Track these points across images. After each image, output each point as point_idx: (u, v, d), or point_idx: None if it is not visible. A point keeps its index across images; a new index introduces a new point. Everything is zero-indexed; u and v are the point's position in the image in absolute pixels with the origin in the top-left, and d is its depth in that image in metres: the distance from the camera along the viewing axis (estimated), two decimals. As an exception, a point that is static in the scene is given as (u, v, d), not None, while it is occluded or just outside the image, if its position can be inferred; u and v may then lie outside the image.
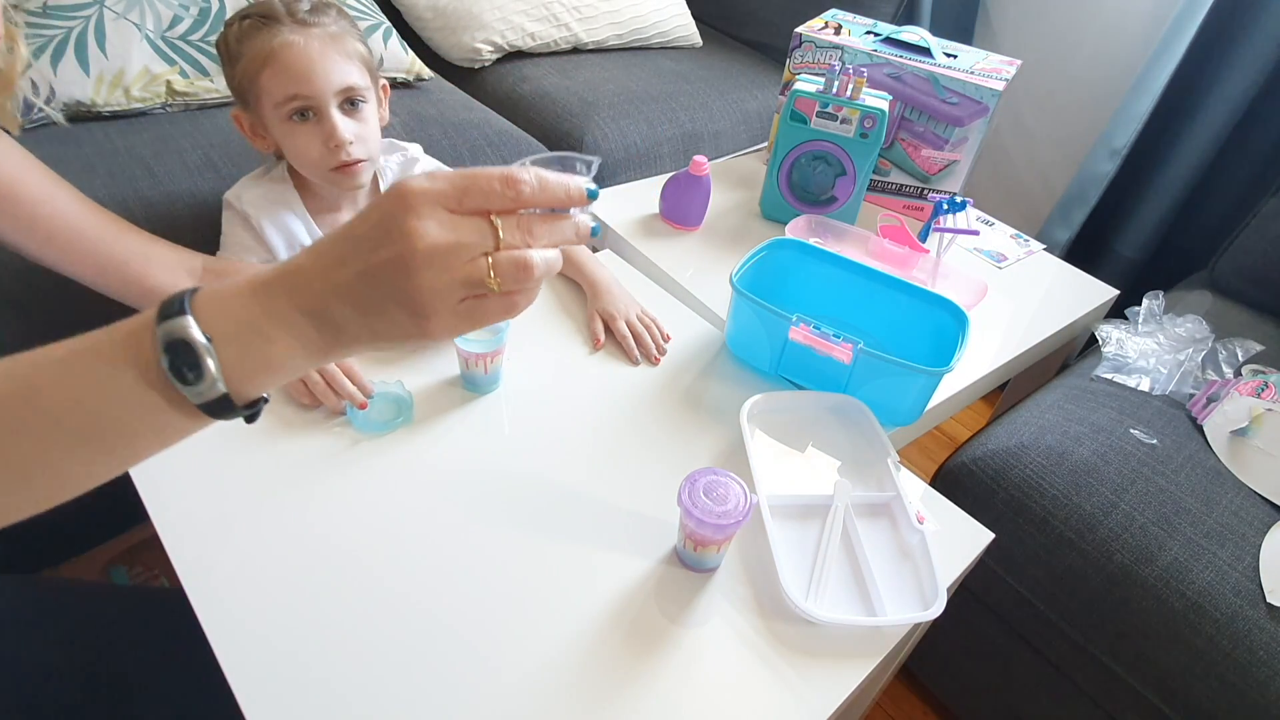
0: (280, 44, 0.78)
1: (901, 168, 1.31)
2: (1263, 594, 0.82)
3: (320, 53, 0.79)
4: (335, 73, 0.80)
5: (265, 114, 0.81)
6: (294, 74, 0.78)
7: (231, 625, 0.60)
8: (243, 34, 0.79)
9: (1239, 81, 1.37)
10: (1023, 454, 0.95)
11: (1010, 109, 1.76)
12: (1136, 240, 1.57)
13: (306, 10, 0.80)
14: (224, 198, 0.89)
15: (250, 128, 0.85)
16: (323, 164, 0.83)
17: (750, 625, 0.67)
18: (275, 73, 0.78)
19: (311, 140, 0.81)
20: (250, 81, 0.80)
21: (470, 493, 0.74)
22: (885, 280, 0.95)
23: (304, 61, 0.78)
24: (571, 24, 1.65)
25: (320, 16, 0.81)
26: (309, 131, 0.81)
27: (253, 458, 0.73)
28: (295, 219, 0.88)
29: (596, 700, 0.60)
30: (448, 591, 0.65)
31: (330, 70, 0.80)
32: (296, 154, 0.83)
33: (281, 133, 0.82)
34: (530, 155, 0.40)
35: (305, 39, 0.79)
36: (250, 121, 0.85)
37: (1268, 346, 1.15)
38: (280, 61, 0.78)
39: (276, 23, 0.79)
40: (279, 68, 0.78)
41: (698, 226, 1.20)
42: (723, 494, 0.66)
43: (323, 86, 0.80)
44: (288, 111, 0.80)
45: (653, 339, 0.94)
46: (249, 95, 0.81)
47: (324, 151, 0.82)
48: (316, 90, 0.79)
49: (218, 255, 0.86)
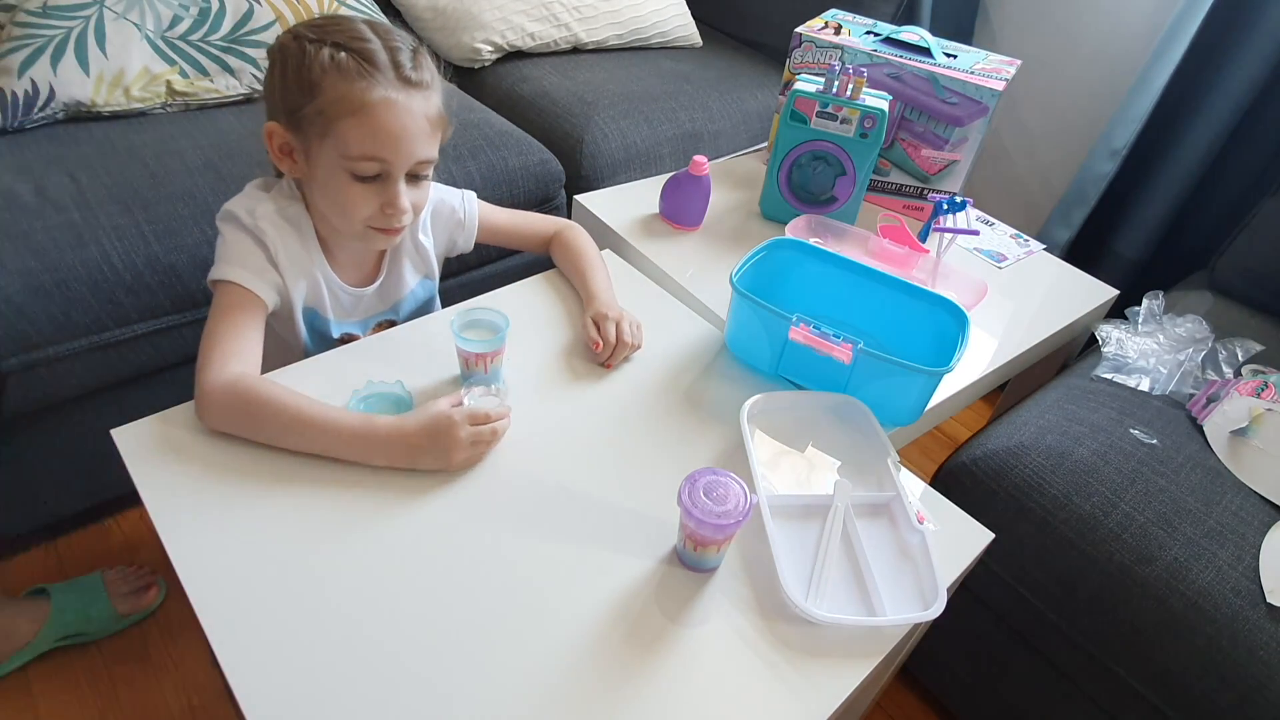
0: (379, 100, 0.73)
1: (901, 168, 1.31)
2: (1262, 594, 0.82)
3: (415, 119, 0.75)
4: (420, 144, 0.77)
5: (323, 154, 0.75)
6: (384, 138, 0.74)
7: (230, 624, 0.61)
8: (334, 69, 0.72)
9: (1239, 81, 1.37)
10: (1023, 454, 0.95)
11: (1010, 109, 1.76)
12: (1136, 240, 1.57)
13: (410, 66, 0.75)
14: (228, 210, 0.80)
15: (283, 148, 0.78)
16: (367, 221, 0.79)
17: (750, 625, 0.67)
18: (363, 129, 0.73)
19: (367, 200, 0.77)
20: (325, 121, 0.73)
21: (469, 493, 0.74)
22: (885, 280, 0.95)
23: (398, 126, 0.74)
24: (571, 24, 1.65)
25: (421, 73, 0.76)
26: (367, 191, 0.77)
27: (251, 458, 0.73)
28: (318, 270, 0.85)
29: (596, 700, 0.60)
30: (447, 591, 0.65)
31: (417, 140, 0.76)
32: (343, 206, 0.78)
33: (333, 179, 0.76)
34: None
35: (406, 100, 0.74)
36: (287, 143, 0.77)
37: (1268, 346, 1.15)
38: (374, 119, 0.73)
39: (378, 71, 0.73)
40: (370, 125, 0.73)
41: (698, 226, 1.20)
42: (723, 494, 0.66)
43: (405, 156, 0.76)
44: (356, 168, 0.75)
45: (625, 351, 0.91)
46: (310, 128, 0.74)
47: (375, 213, 0.78)
48: (399, 158, 0.76)
49: (219, 268, 0.79)
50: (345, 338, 0.92)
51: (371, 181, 0.77)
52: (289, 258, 0.81)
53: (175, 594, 0.63)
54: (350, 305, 0.91)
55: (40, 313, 0.95)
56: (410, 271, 0.95)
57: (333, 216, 0.81)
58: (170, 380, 1.11)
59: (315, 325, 0.89)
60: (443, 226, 0.97)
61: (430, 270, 0.97)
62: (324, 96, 0.73)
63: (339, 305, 0.90)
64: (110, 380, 1.06)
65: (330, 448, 0.73)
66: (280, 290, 0.82)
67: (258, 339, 0.78)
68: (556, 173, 1.40)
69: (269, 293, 0.80)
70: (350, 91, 0.72)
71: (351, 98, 0.72)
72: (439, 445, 0.73)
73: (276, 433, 0.73)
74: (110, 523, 1.25)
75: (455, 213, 0.97)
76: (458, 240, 0.99)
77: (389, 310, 0.96)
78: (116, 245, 1.00)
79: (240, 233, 0.80)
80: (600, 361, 0.90)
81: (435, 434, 0.72)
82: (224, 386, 0.73)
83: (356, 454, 0.74)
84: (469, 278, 1.37)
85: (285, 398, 0.73)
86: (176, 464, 0.72)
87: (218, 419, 0.74)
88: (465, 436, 0.73)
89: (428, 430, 0.73)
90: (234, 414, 0.73)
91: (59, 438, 1.07)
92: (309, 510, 0.70)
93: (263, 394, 0.73)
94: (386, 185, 0.77)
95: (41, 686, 1.05)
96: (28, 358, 0.95)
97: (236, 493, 0.70)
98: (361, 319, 0.94)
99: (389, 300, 0.95)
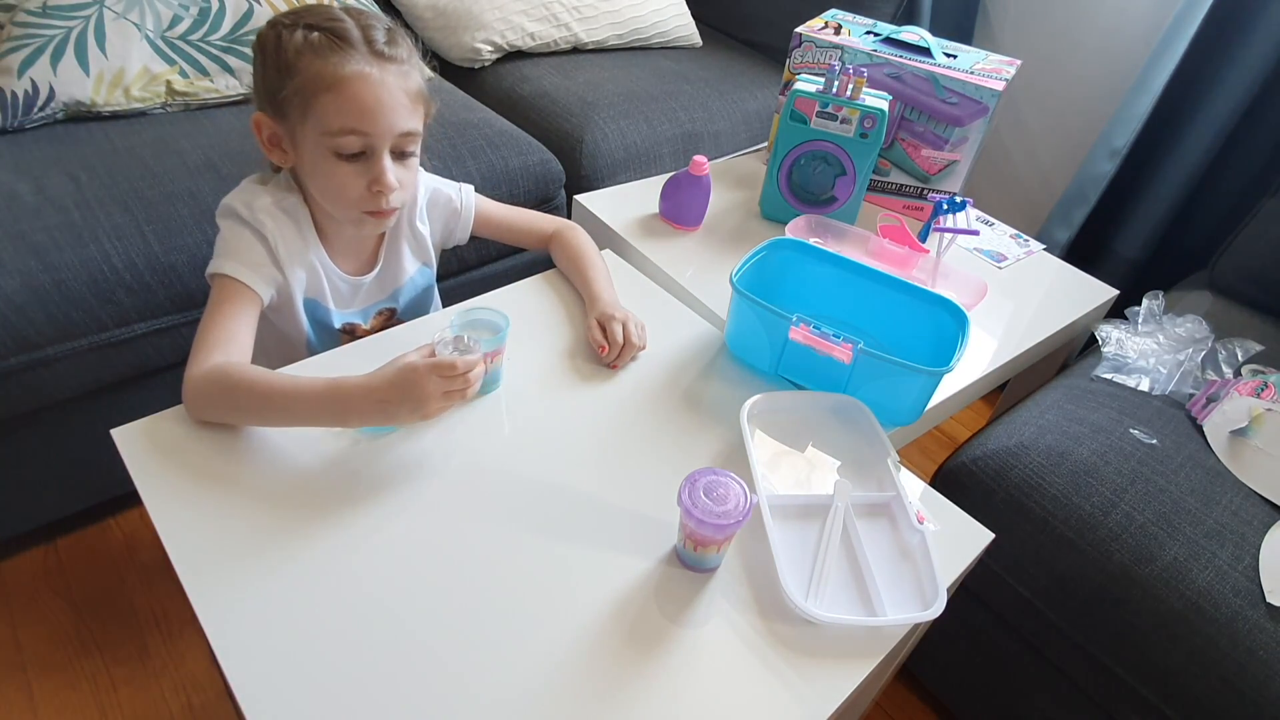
0: (353, 73, 0.73)
1: (901, 168, 1.31)
2: (1262, 594, 0.82)
3: (391, 92, 0.75)
4: (400, 116, 0.76)
5: (306, 136, 0.76)
6: (360, 109, 0.74)
7: (229, 623, 0.61)
8: (307, 48, 0.73)
9: (1239, 81, 1.37)
10: (1022, 454, 0.95)
11: (1010, 109, 1.76)
12: (1136, 240, 1.57)
13: (383, 41, 0.76)
14: (226, 205, 0.81)
15: (271, 138, 0.79)
16: (358, 204, 0.79)
17: (750, 625, 0.67)
18: (339, 102, 0.73)
19: (354, 179, 0.77)
20: (303, 100, 0.74)
21: (469, 492, 0.74)
22: (885, 280, 0.95)
23: (373, 98, 0.74)
24: (571, 24, 1.65)
25: (395, 49, 0.76)
26: (353, 170, 0.77)
27: (251, 457, 0.73)
28: (316, 260, 0.85)
29: (596, 700, 0.60)
30: (446, 590, 0.65)
31: (396, 112, 0.76)
32: (331, 189, 0.79)
33: (320, 162, 0.77)
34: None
35: (380, 73, 0.74)
36: (274, 132, 0.78)
37: (1267, 346, 1.15)
38: (348, 91, 0.73)
39: (350, 47, 0.73)
40: (345, 98, 0.73)
41: (697, 227, 1.20)
42: (723, 494, 0.66)
43: (385, 128, 0.75)
44: (338, 144, 0.75)
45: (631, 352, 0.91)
46: (291, 110, 0.75)
47: (364, 193, 0.78)
48: (379, 130, 0.75)
49: (215, 263, 0.79)
50: (347, 328, 0.93)
51: (357, 160, 0.77)
52: (287, 248, 0.82)
53: (175, 593, 0.63)
54: (350, 294, 0.91)
55: (40, 312, 0.95)
56: (409, 258, 0.95)
57: (325, 202, 0.82)
58: (170, 380, 1.10)
59: (316, 315, 0.89)
60: (439, 215, 0.97)
61: (428, 257, 0.98)
62: (300, 76, 0.73)
63: (338, 294, 0.90)
64: (110, 380, 1.06)
65: (306, 416, 0.73)
66: (278, 283, 0.82)
67: (248, 332, 0.78)
68: (556, 173, 1.40)
69: (264, 286, 0.80)
70: (324, 67, 0.73)
71: (325, 73, 0.73)
72: (411, 397, 0.70)
73: (254, 412, 0.73)
74: (110, 522, 1.25)
75: (451, 202, 0.97)
76: (454, 231, 0.99)
77: (388, 299, 0.96)
78: (116, 245, 1.00)
79: (239, 227, 0.80)
80: (606, 363, 0.90)
81: (405, 386, 0.70)
82: (204, 374, 0.73)
83: (331, 417, 0.73)
84: (468, 277, 1.37)
85: (258, 376, 0.73)
86: (176, 463, 0.72)
87: (200, 407, 0.74)
88: (435, 387, 0.70)
89: (396, 384, 0.70)
90: (213, 400, 0.74)
91: (58, 437, 1.07)
92: (309, 509, 0.70)
93: (237, 375, 0.73)
94: (372, 162, 0.77)
95: (41, 685, 1.05)
96: (27, 358, 0.96)
97: (236, 492, 0.70)
98: (362, 308, 0.94)
99: (388, 288, 0.95)
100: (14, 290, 0.93)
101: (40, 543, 1.21)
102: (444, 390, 0.70)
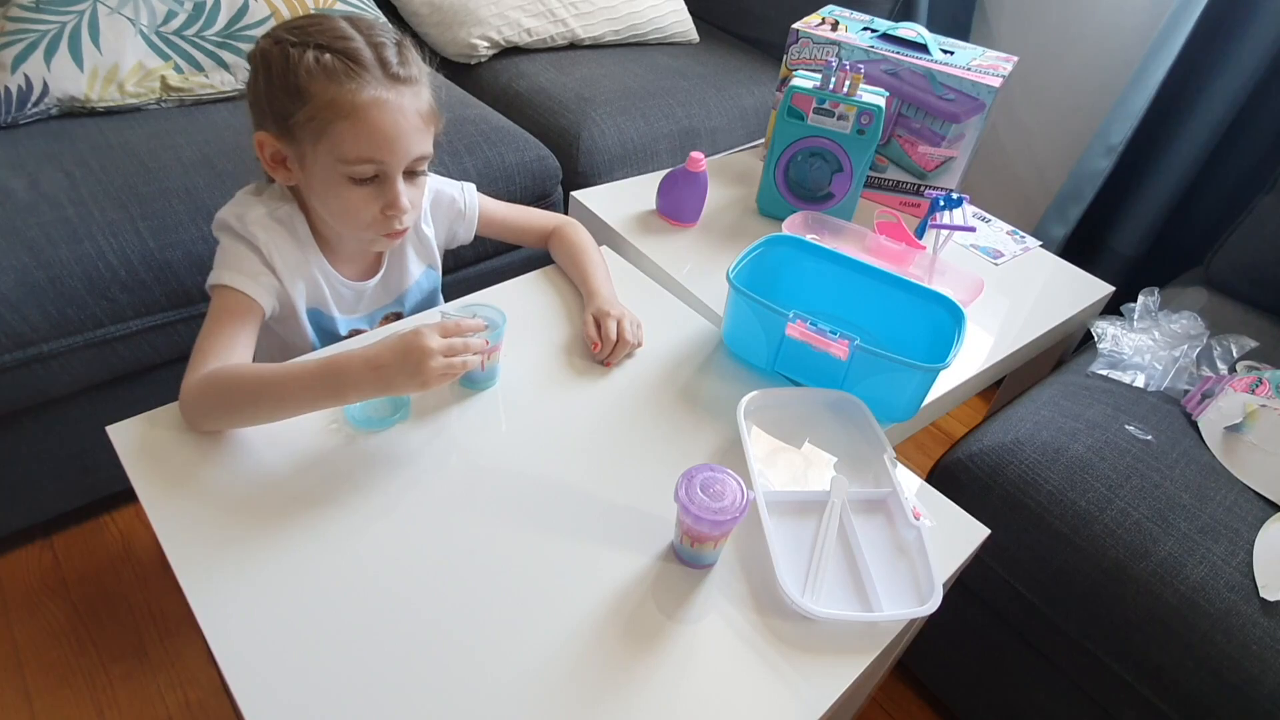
0: (369, 100, 0.71)
1: (898, 164, 1.31)
2: (1256, 589, 0.83)
3: (407, 116, 0.74)
4: (414, 142, 0.75)
5: (317, 160, 0.74)
6: (377, 138, 0.72)
7: (227, 620, 0.60)
8: (321, 72, 0.71)
9: (1235, 78, 1.38)
10: (1018, 450, 0.95)
11: (1007, 106, 1.76)
12: (1132, 237, 1.57)
13: (396, 62, 0.74)
14: (220, 219, 0.80)
15: (274, 157, 0.76)
16: (370, 227, 0.78)
17: (747, 621, 0.67)
18: (355, 130, 0.72)
19: (368, 203, 0.76)
20: (317, 127, 0.72)
21: (466, 489, 0.74)
22: (882, 276, 0.95)
23: (391, 125, 0.73)
24: (568, 20, 1.65)
25: (408, 69, 0.75)
26: (366, 194, 0.76)
27: (248, 454, 0.73)
28: (316, 268, 0.84)
29: (593, 696, 0.60)
30: (443, 587, 0.65)
31: (411, 138, 0.75)
32: (343, 211, 0.78)
33: (332, 185, 0.75)
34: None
35: (396, 98, 0.73)
36: (279, 152, 0.76)
37: (1262, 343, 1.15)
38: (366, 120, 0.71)
39: (364, 70, 0.71)
40: (362, 127, 0.72)
41: (695, 223, 1.20)
42: (719, 490, 0.66)
43: (401, 155, 0.75)
44: (353, 171, 0.74)
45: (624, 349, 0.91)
46: (302, 136, 0.73)
47: (377, 216, 0.77)
48: (395, 159, 0.74)
49: (214, 274, 0.78)
50: (354, 334, 0.92)
51: (369, 183, 0.76)
52: (283, 259, 0.80)
53: (172, 591, 0.63)
54: (353, 300, 0.91)
55: (35, 309, 0.95)
56: (414, 261, 0.95)
57: (335, 222, 0.81)
58: (166, 377, 1.10)
59: (322, 324, 0.88)
60: (443, 216, 0.97)
61: (434, 260, 0.97)
62: (313, 102, 0.71)
63: (342, 301, 0.89)
64: (105, 377, 1.05)
65: (302, 398, 0.71)
66: (278, 293, 0.81)
67: (247, 341, 0.77)
68: (553, 169, 1.40)
69: (264, 296, 0.79)
70: (340, 94, 0.71)
71: (341, 101, 0.71)
72: (410, 361, 0.67)
73: (249, 408, 0.72)
74: (106, 520, 1.25)
75: (455, 203, 0.97)
76: (458, 231, 0.99)
77: (394, 303, 0.95)
78: (111, 241, 1.00)
79: (233, 240, 0.79)
80: (600, 360, 0.90)
81: (404, 350, 0.68)
82: (197, 382, 0.72)
83: (328, 394, 0.71)
84: (466, 274, 1.36)
85: (249, 370, 0.72)
86: (172, 461, 0.72)
87: (197, 417, 0.73)
88: (437, 346, 0.68)
89: (395, 349, 0.68)
90: (208, 405, 0.72)
91: (54, 435, 1.07)
92: (306, 506, 0.70)
93: (227, 375, 0.72)
94: (385, 186, 0.76)
95: (37, 682, 1.05)
96: (22, 354, 0.95)
97: (232, 489, 0.70)
98: (367, 313, 0.93)
99: (393, 293, 0.94)
100: (8, 287, 0.93)
101: (36, 540, 1.21)
102: (444, 357, 0.68)
